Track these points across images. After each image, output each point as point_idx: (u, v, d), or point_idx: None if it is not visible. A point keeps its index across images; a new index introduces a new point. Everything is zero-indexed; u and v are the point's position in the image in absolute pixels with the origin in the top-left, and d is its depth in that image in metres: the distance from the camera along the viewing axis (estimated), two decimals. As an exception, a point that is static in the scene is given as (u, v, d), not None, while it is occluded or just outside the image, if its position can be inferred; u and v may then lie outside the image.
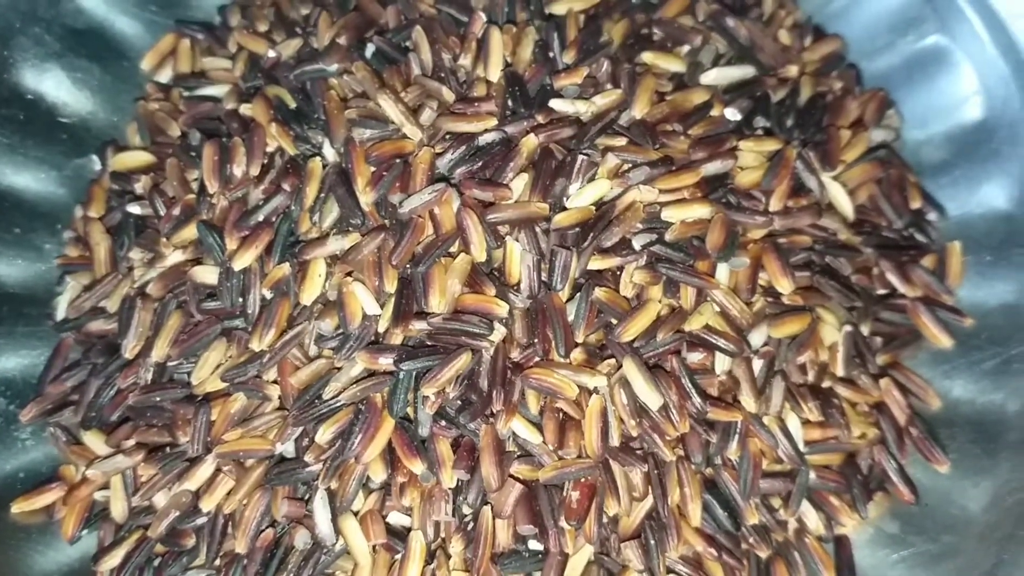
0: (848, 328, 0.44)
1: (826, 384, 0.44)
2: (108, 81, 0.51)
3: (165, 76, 0.52)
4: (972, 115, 0.49)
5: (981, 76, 0.49)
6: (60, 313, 0.47)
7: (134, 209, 0.46)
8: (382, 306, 0.41)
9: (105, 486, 0.43)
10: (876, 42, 0.52)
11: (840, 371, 0.44)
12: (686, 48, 0.48)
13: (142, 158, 0.48)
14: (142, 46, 0.52)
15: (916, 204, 0.48)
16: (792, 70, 0.49)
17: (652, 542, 0.41)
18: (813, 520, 0.43)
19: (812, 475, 0.43)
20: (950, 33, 0.50)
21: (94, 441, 0.43)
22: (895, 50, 0.52)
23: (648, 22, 0.49)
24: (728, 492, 0.42)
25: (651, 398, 0.40)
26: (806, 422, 0.43)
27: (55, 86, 0.50)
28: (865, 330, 0.45)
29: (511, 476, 0.40)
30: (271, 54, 0.49)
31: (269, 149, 0.45)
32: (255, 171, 0.45)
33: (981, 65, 0.49)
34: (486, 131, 0.44)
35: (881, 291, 0.47)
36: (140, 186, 0.47)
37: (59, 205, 0.49)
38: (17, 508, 0.42)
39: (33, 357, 0.46)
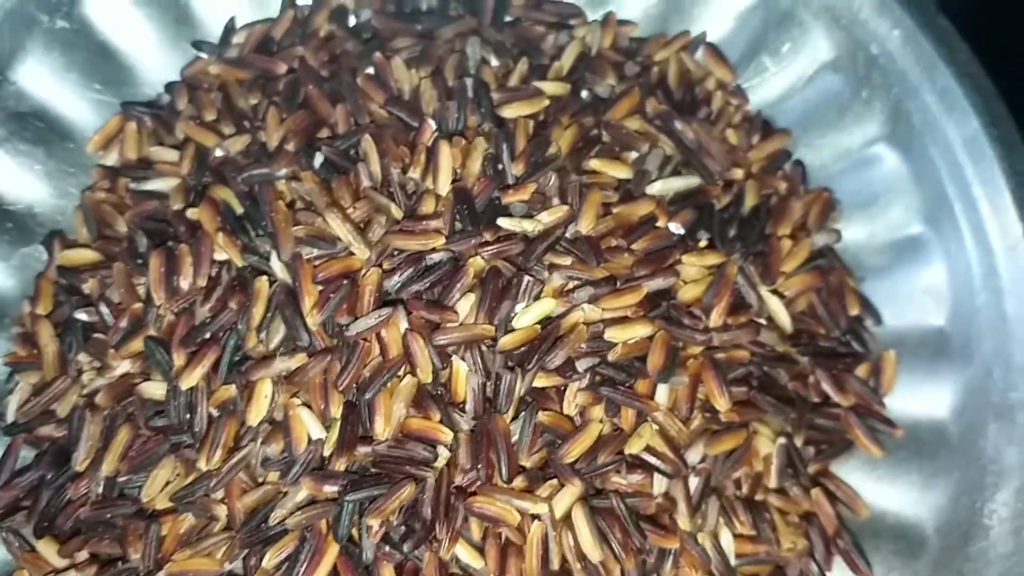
0: (782, 440, 0.46)
1: (759, 496, 0.46)
2: (53, 165, 0.50)
3: (111, 159, 0.51)
4: (911, 226, 0.50)
5: (921, 189, 0.49)
6: (10, 416, 0.47)
7: (81, 316, 0.46)
8: (327, 429, 0.42)
9: (57, 599, 0.44)
10: (823, 137, 0.52)
11: (773, 483, 0.46)
12: (633, 154, 0.49)
13: (88, 256, 0.48)
14: (87, 128, 0.51)
15: (854, 311, 0.50)
16: (738, 173, 0.50)
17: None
18: (740, 637, 0.46)
19: (741, 590, 0.45)
20: (893, 140, 0.50)
21: (47, 549, 0.44)
22: (841, 148, 0.52)
23: (597, 123, 0.49)
24: (662, 612, 0.44)
25: (594, 553, 0.42)
26: (738, 536, 0.45)
27: (-1, 173, 0.49)
28: (798, 441, 0.47)
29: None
30: (219, 152, 0.48)
31: (217, 258, 0.45)
32: (202, 283, 0.45)
33: (923, 174, 0.49)
34: (434, 250, 0.44)
35: (816, 399, 0.48)
36: (87, 287, 0.47)
37: (5, 297, 0.49)
38: None
39: (-19, 459, 0.47)
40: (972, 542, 0.43)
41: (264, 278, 0.44)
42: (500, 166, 0.46)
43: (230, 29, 0.54)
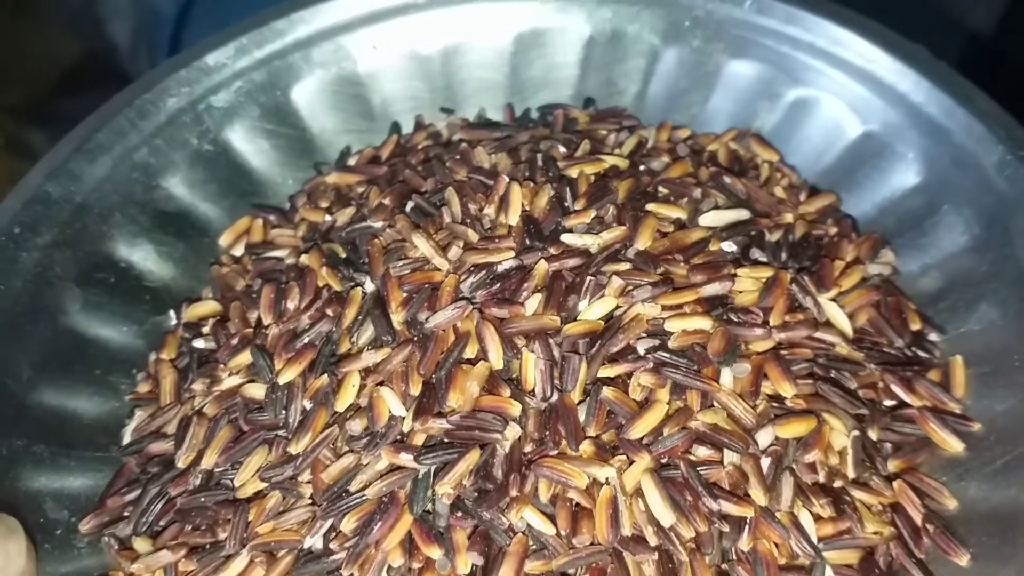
0: (856, 433, 0.46)
1: (837, 484, 0.45)
2: (189, 254, 0.59)
3: (239, 250, 0.59)
4: (962, 244, 0.52)
5: (963, 212, 0.53)
6: (126, 439, 0.52)
7: (199, 344, 0.52)
8: (407, 408, 0.45)
9: (149, 585, 0.46)
10: (866, 195, 0.57)
11: (851, 473, 0.45)
12: (687, 200, 0.54)
13: (210, 307, 0.55)
14: (221, 226, 0.60)
15: (916, 326, 0.51)
16: (787, 216, 0.54)
17: (664, 629, 0.41)
18: (835, 618, 0.43)
19: (830, 572, 0.43)
20: (938, 184, 0.55)
21: (142, 546, 0.47)
22: (890, 202, 0.57)
23: (652, 182, 0.55)
24: (743, 586, 0.42)
25: (665, 516, 0.42)
26: (818, 518, 0.44)
27: (143, 257, 0.57)
28: (873, 435, 0.47)
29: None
30: (327, 218, 0.56)
31: (319, 285, 0.51)
32: (304, 304, 0.51)
33: (966, 202, 0.53)
34: (504, 261, 0.49)
35: (888, 403, 0.49)
36: (207, 328, 0.53)
37: (136, 353, 0.55)
38: None
39: (98, 479, 0.50)
40: None
41: (358, 289, 0.50)
42: (564, 203, 0.53)
43: (345, 153, 0.64)
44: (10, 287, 0.51)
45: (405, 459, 0.44)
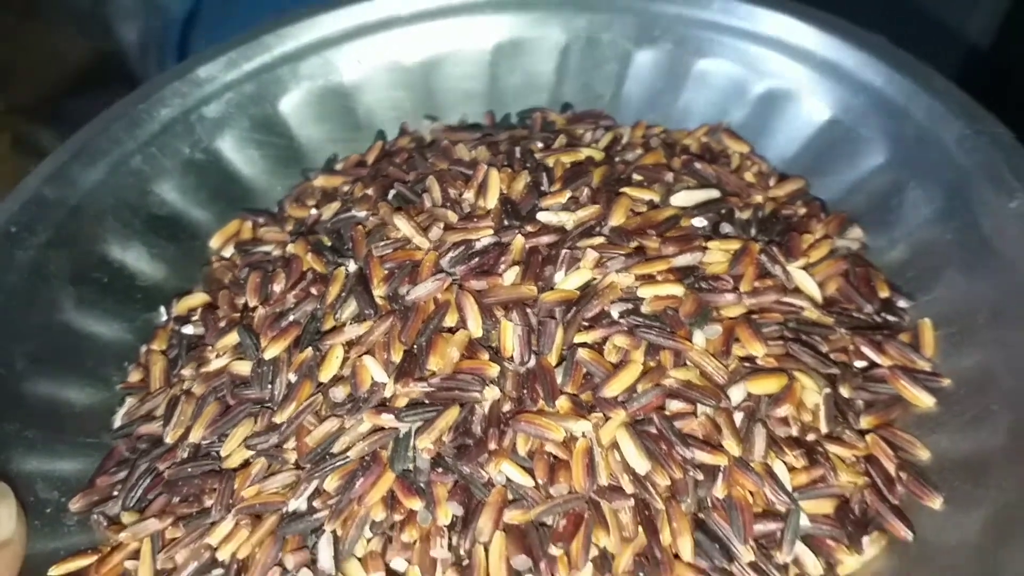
0: (827, 390, 0.47)
1: (811, 438, 0.46)
2: (180, 255, 0.61)
3: (228, 251, 0.61)
4: (926, 215, 0.54)
5: (926, 189, 0.55)
6: (117, 422, 0.53)
7: (187, 330, 0.54)
8: (388, 375, 0.47)
9: (136, 555, 0.46)
10: (833, 173, 0.59)
11: (824, 428, 0.46)
12: (658, 184, 0.56)
13: (199, 298, 0.57)
14: (211, 229, 0.62)
15: (884, 294, 0.52)
16: (757, 198, 0.56)
17: (643, 574, 0.41)
18: (811, 562, 0.43)
19: (805, 520, 0.44)
20: (902, 164, 0.57)
21: (130, 520, 0.47)
22: (858, 188, 0.58)
23: (626, 170, 0.57)
24: (719, 532, 0.43)
25: (640, 464, 0.43)
26: (792, 468, 0.45)
27: (136, 258, 0.59)
28: (845, 393, 0.48)
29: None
30: (313, 212, 0.58)
31: (304, 269, 0.53)
32: (289, 286, 0.52)
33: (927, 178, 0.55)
34: (483, 238, 0.51)
35: (859, 364, 0.50)
36: (196, 317, 0.55)
37: (127, 347, 0.57)
38: (54, 571, 0.45)
39: (88, 463, 0.51)
40: None
41: (341, 268, 0.52)
42: (541, 187, 0.55)
43: (332, 160, 0.66)
44: (5, 282, 0.53)
45: (387, 419, 0.45)
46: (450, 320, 0.48)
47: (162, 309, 0.59)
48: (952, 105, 0.54)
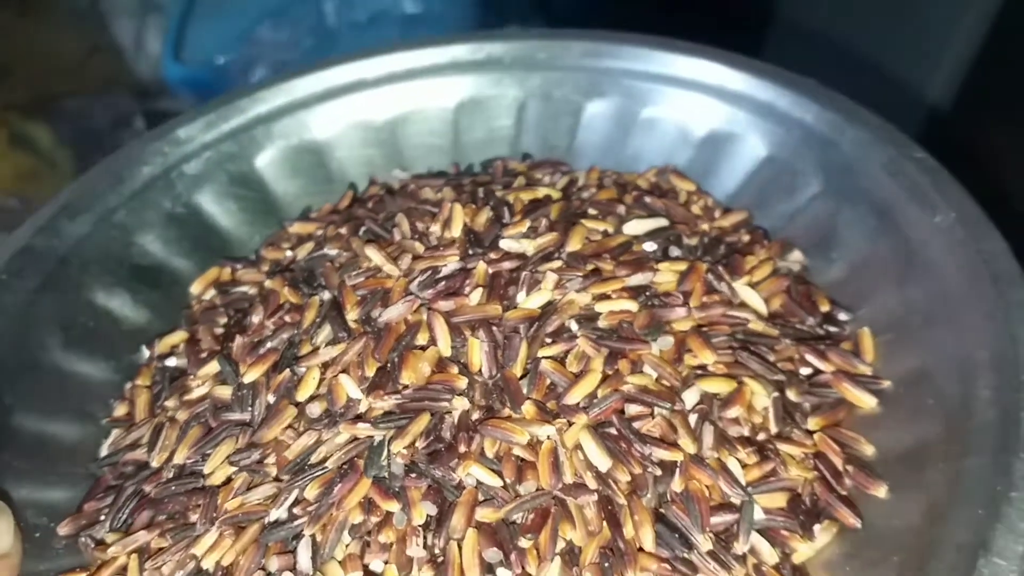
0: (776, 394, 0.50)
1: (761, 437, 0.49)
2: (163, 301, 0.64)
3: (209, 295, 0.64)
4: (863, 241, 0.58)
5: (857, 214, 0.59)
6: (103, 451, 0.55)
7: (170, 362, 0.57)
8: (363, 391, 0.49)
9: (123, 571, 0.48)
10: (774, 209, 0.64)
11: (773, 429, 0.50)
12: (612, 216, 0.60)
13: (179, 336, 0.59)
14: (192, 276, 0.66)
15: (825, 308, 0.56)
16: (704, 226, 0.60)
17: (608, 565, 0.44)
18: (767, 551, 0.46)
19: (760, 512, 0.47)
20: (834, 194, 0.61)
21: (116, 538, 0.49)
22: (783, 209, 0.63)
23: (582, 205, 0.61)
24: (678, 523, 0.46)
25: (602, 462, 0.46)
26: (744, 465, 0.48)
27: (120, 304, 0.62)
28: (793, 397, 0.51)
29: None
30: (288, 254, 0.62)
31: (280, 303, 0.56)
32: (267, 317, 0.55)
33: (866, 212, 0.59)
34: (448, 264, 0.55)
35: (805, 371, 0.53)
36: (178, 350, 0.58)
37: (112, 386, 0.59)
38: None
39: (77, 492, 0.53)
40: (967, 424, 0.46)
41: (316, 297, 0.55)
42: (503, 220, 0.59)
43: (307, 211, 0.70)
44: None
45: (362, 427, 0.47)
46: (421, 338, 0.51)
47: (143, 348, 0.61)
48: (878, 134, 0.59)
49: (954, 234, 0.52)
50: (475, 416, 0.48)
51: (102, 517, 0.51)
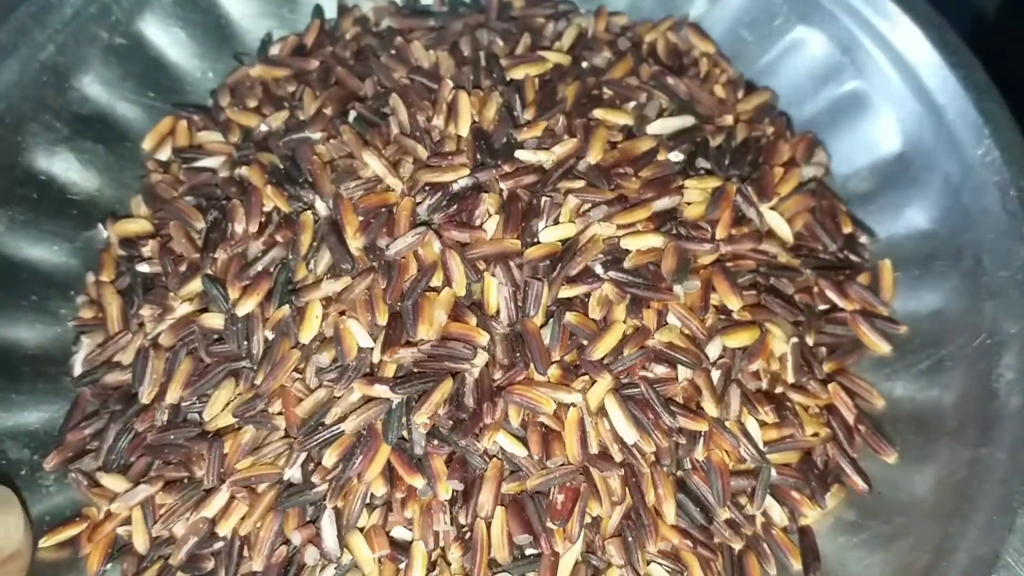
0: (795, 339, 0.49)
1: (779, 390, 0.49)
2: (112, 161, 0.56)
3: (164, 154, 0.57)
4: (891, 149, 0.55)
5: (896, 114, 0.55)
6: (77, 369, 0.51)
7: (143, 268, 0.51)
8: (375, 339, 0.46)
9: (127, 522, 0.46)
10: (802, 91, 0.59)
11: (790, 378, 0.49)
12: (632, 104, 0.54)
13: (143, 225, 0.53)
14: (142, 128, 0.57)
15: (847, 229, 0.54)
16: (728, 119, 0.55)
17: (631, 539, 0.45)
18: (777, 513, 0.48)
19: (773, 472, 0.47)
20: (866, 79, 0.56)
21: (114, 482, 0.47)
22: (819, 97, 0.58)
23: (598, 83, 0.55)
24: (699, 492, 0.46)
25: (629, 434, 0.45)
26: (763, 424, 0.48)
27: (65, 167, 0.54)
28: (810, 341, 0.50)
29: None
30: (263, 127, 0.54)
31: (266, 208, 0.50)
32: (254, 227, 0.49)
33: (895, 104, 0.55)
34: (459, 180, 0.49)
35: (823, 307, 0.52)
36: (147, 249, 0.52)
37: (71, 274, 0.54)
38: (45, 542, 0.45)
39: (53, 411, 0.50)
40: (985, 406, 0.46)
41: (309, 213, 0.49)
42: (514, 112, 0.52)
43: (267, 42, 0.61)
44: None
45: (380, 390, 0.45)
46: (436, 280, 0.47)
47: (100, 227, 0.55)
48: (929, 32, 0.54)
49: (999, 174, 0.50)
50: (496, 375, 0.46)
51: (88, 447, 0.49)
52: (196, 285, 0.49)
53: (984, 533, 0.42)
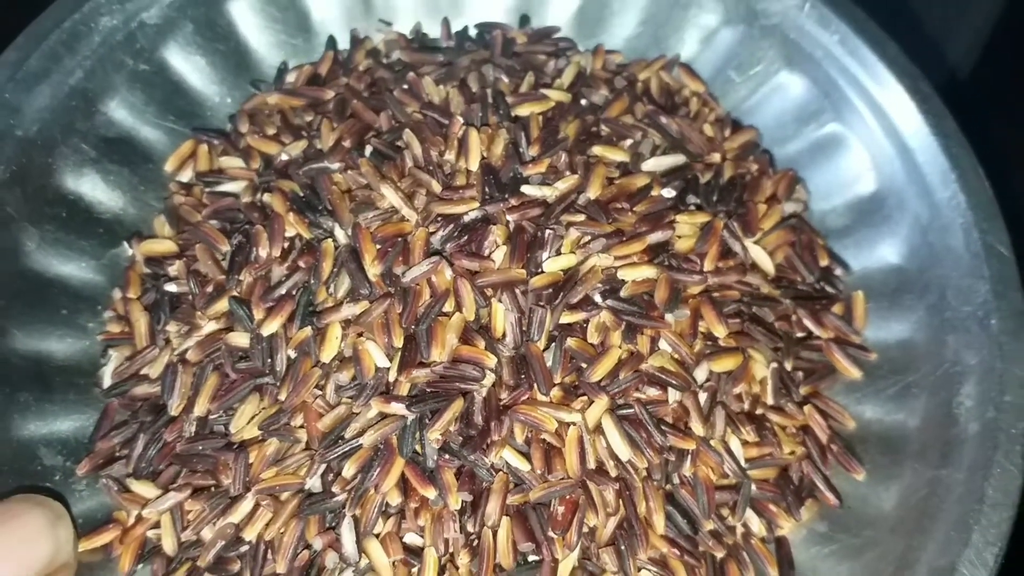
0: (774, 365, 0.54)
1: (759, 412, 0.53)
2: (136, 182, 0.59)
3: (185, 176, 0.60)
4: (866, 188, 0.60)
5: (872, 155, 0.59)
6: (106, 381, 0.54)
7: (171, 287, 0.54)
8: (391, 360, 0.50)
9: (156, 526, 0.50)
10: (784, 131, 0.63)
11: (770, 400, 0.54)
12: (628, 142, 0.58)
13: (168, 246, 0.56)
14: (164, 151, 0.60)
15: (824, 262, 0.58)
16: (716, 156, 0.60)
17: (624, 547, 0.49)
18: (756, 524, 0.52)
19: (753, 487, 0.52)
20: (845, 122, 0.61)
21: (143, 488, 0.50)
22: (800, 137, 0.63)
23: (596, 121, 0.59)
24: (686, 504, 0.50)
25: (623, 451, 0.49)
26: (745, 443, 0.52)
27: (92, 187, 0.57)
28: (788, 366, 0.55)
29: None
30: (284, 156, 0.57)
31: (288, 235, 0.53)
32: (277, 253, 0.53)
33: (871, 146, 0.60)
34: (469, 212, 0.53)
35: (800, 334, 0.57)
36: (173, 269, 0.55)
37: (98, 290, 0.57)
38: (82, 547, 0.49)
39: (83, 420, 0.53)
40: (946, 431, 0.51)
41: (329, 240, 0.53)
42: (520, 149, 0.56)
43: (283, 70, 0.64)
44: None
45: (396, 408, 0.48)
46: (448, 306, 0.51)
47: (126, 245, 0.58)
48: (902, 78, 0.58)
49: (963, 217, 0.54)
50: (503, 395, 0.50)
51: (119, 455, 0.52)
52: (222, 305, 0.52)
53: (942, 547, 0.47)
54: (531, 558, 0.48)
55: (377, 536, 0.48)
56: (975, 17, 0.81)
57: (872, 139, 0.59)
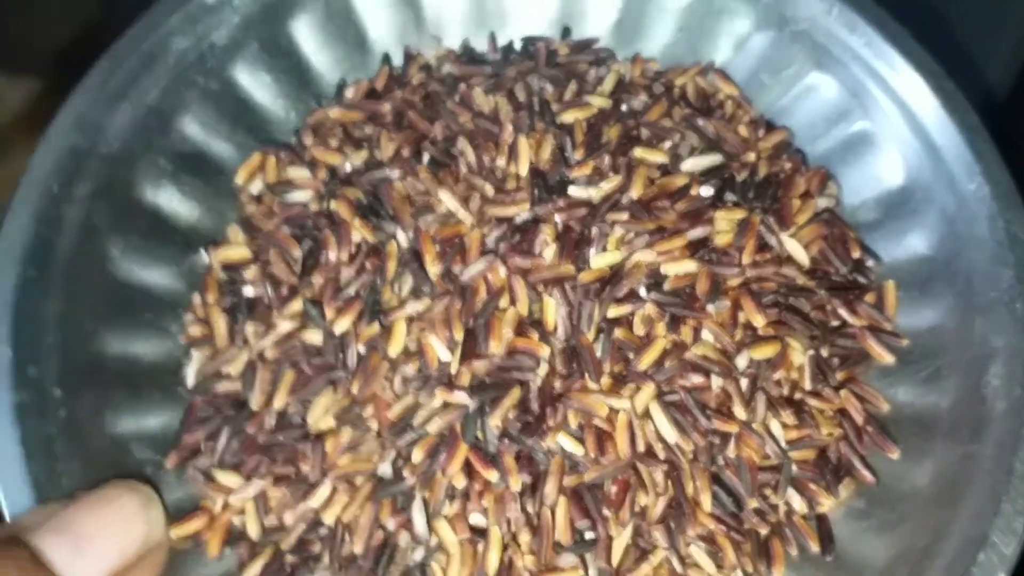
0: (811, 352, 0.57)
1: (798, 396, 0.57)
2: (210, 193, 0.63)
3: (256, 188, 0.64)
4: (895, 182, 0.62)
5: (899, 152, 0.62)
6: (190, 380, 0.58)
7: (248, 292, 0.59)
8: (452, 353, 0.54)
9: (240, 513, 0.54)
10: (816, 130, 0.66)
11: (808, 386, 0.57)
12: (668, 143, 0.62)
13: (242, 252, 0.61)
14: (234, 164, 0.64)
15: (856, 254, 0.61)
16: (751, 156, 0.63)
17: (673, 525, 0.53)
18: (798, 503, 0.55)
19: (794, 467, 0.55)
20: (873, 120, 0.64)
21: (227, 478, 0.54)
22: (831, 136, 0.66)
23: (636, 125, 0.62)
24: (731, 484, 0.54)
25: (670, 435, 0.53)
26: (785, 426, 0.55)
27: (168, 199, 0.62)
28: (824, 353, 0.58)
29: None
30: (347, 166, 0.62)
31: (354, 239, 0.58)
32: (345, 256, 0.57)
33: (898, 143, 0.62)
34: (520, 213, 0.57)
35: (835, 323, 0.60)
36: (249, 274, 0.59)
37: (178, 295, 0.61)
38: (174, 533, 0.53)
39: (169, 417, 0.57)
40: (975, 409, 0.54)
41: (393, 243, 0.57)
42: (565, 153, 0.60)
43: (342, 86, 0.68)
44: (61, 244, 0.56)
45: (459, 397, 0.52)
46: (502, 301, 0.55)
47: (203, 253, 0.62)
48: (928, 78, 0.61)
49: (988, 207, 0.57)
50: (556, 384, 0.54)
51: (203, 447, 0.56)
52: (297, 306, 0.57)
53: (974, 517, 0.50)
54: (587, 535, 0.52)
55: (445, 517, 0.52)
56: (1013, 34, 0.83)
57: (899, 136, 0.62)
